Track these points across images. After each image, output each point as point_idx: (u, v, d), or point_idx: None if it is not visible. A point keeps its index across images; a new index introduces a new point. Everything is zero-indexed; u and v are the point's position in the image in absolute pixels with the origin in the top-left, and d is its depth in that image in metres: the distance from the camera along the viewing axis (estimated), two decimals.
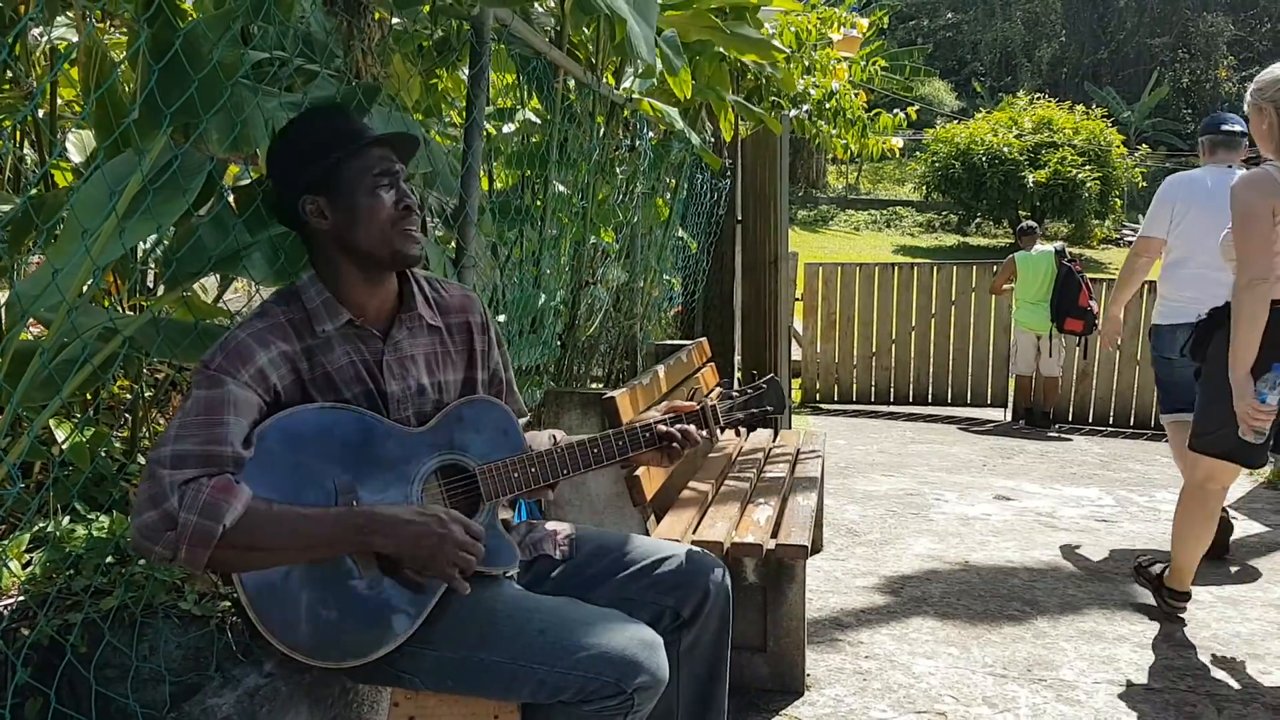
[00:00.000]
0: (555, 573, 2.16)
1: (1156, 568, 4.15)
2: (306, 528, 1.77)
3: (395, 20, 2.86)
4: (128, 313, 2.47)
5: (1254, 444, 3.40)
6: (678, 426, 2.14)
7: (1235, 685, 3.38)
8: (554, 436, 2.18)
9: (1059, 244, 8.52)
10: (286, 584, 1.79)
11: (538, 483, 2.05)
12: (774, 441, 4.98)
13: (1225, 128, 4.66)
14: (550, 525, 2.24)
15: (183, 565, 1.69)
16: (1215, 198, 4.22)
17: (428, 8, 2.88)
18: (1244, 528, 5.36)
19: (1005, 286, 8.66)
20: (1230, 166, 4.55)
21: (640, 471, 3.36)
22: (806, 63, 7.10)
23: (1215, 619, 3.99)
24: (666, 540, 2.21)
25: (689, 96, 4.53)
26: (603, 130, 4.15)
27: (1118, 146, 19.55)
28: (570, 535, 2.21)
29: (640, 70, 3.84)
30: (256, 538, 1.72)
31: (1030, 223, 9.17)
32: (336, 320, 1.92)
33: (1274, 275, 3.33)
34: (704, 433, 2.19)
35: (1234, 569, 4.65)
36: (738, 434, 2.33)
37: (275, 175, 1.95)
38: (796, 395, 8.99)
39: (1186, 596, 3.97)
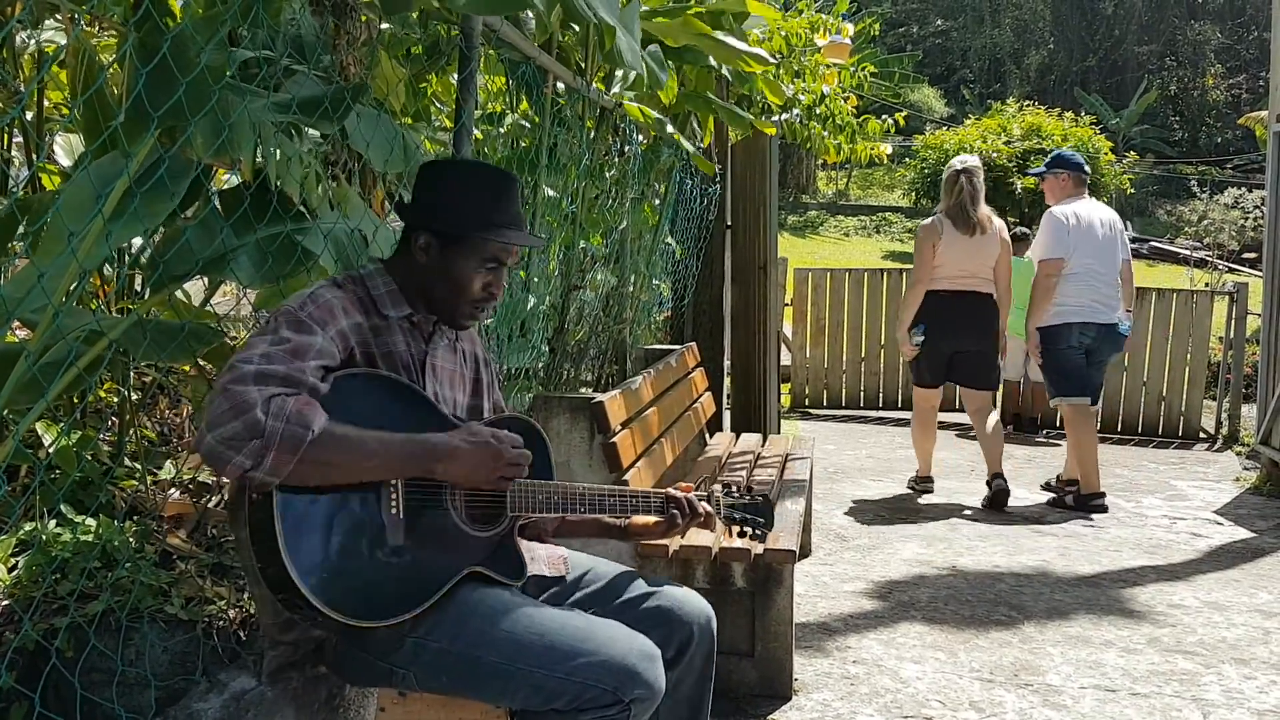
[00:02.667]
0: (547, 593, 2.16)
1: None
2: (377, 446, 1.81)
3: (385, 25, 2.85)
4: (114, 316, 2.46)
5: (924, 373, 5.89)
6: (684, 497, 2.26)
7: (1221, 690, 3.39)
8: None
9: None
10: (320, 530, 1.78)
11: (558, 510, 2.11)
12: (763, 446, 4.99)
13: (1086, 167, 6.04)
14: (545, 548, 2.25)
15: (263, 475, 1.69)
16: (1093, 223, 5.77)
17: (416, 14, 2.88)
18: (1230, 534, 5.38)
19: None
20: (1086, 198, 5.93)
21: (629, 475, 3.36)
22: (795, 68, 7.12)
23: (1201, 624, 4.00)
24: (653, 552, 2.23)
25: (674, 102, 4.53)
26: (592, 135, 4.15)
27: (1106, 153, 19.60)
28: (565, 558, 2.24)
29: (630, 81, 3.83)
30: (334, 452, 1.75)
31: (1022, 229, 9.03)
32: (399, 310, 2.02)
33: (930, 280, 5.67)
34: (702, 508, 2.30)
35: (1220, 574, 4.67)
36: (729, 534, 2.44)
37: (424, 188, 2.06)
38: (785, 400, 8.99)
39: (930, 480, 6.13)
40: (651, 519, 2.26)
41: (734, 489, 2.40)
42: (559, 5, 2.58)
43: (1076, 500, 5.82)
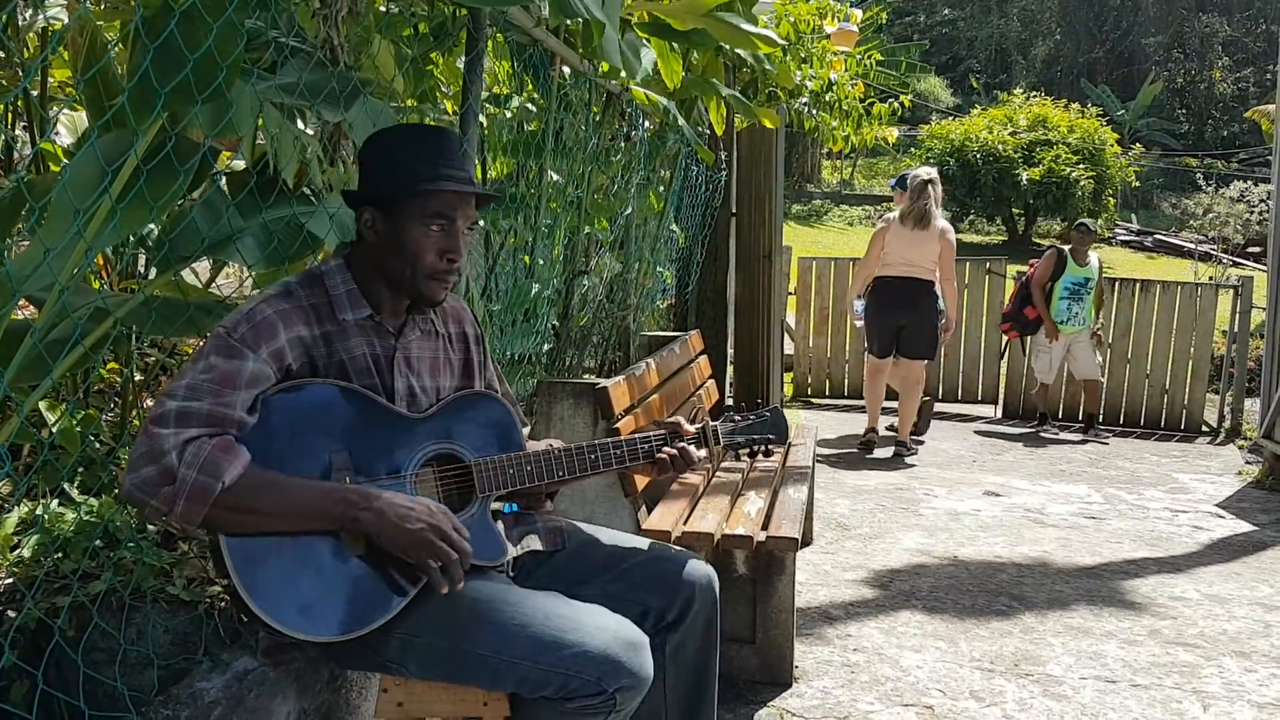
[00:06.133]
0: (543, 567, 2.14)
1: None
2: (299, 496, 1.77)
3: (394, 7, 2.84)
4: (119, 294, 2.45)
5: (875, 344, 6.90)
6: (677, 445, 2.17)
7: (1221, 682, 3.39)
8: (551, 444, 2.18)
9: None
10: (273, 557, 1.78)
11: (531, 481, 2.05)
12: None
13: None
14: (542, 520, 2.23)
15: (176, 521, 1.70)
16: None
17: None
18: (1232, 527, 5.38)
19: None
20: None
21: None
22: (802, 55, 7.10)
23: (1202, 616, 4.01)
24: (656, 540, 2.20)
25: (679, 87, 4.51)
26: (598, 119, 4.14)
27: (1112, 145, 19.56)
28: (559, 528, 2.20)
29: (603, 71, 3.77)
30: (250, 500, 1.73)
31: (1085, 221, 8.33)
32: (358, 312, 1.95)
33: (878, 268, 6.74)
34: (703, 453, 2.21)
35: (1221, 567, 4.67)
36: (737, 458, 2.32)
37: (360, 169, 2.01)
38: (788, 389, 8.99)
39: (875, 431, 6.97)
40: (641, 466, 2.17)
41: (734, 415, 2.30)
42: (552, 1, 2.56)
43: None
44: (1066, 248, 8.03)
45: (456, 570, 1.83)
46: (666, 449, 2.16)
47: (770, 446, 2.28)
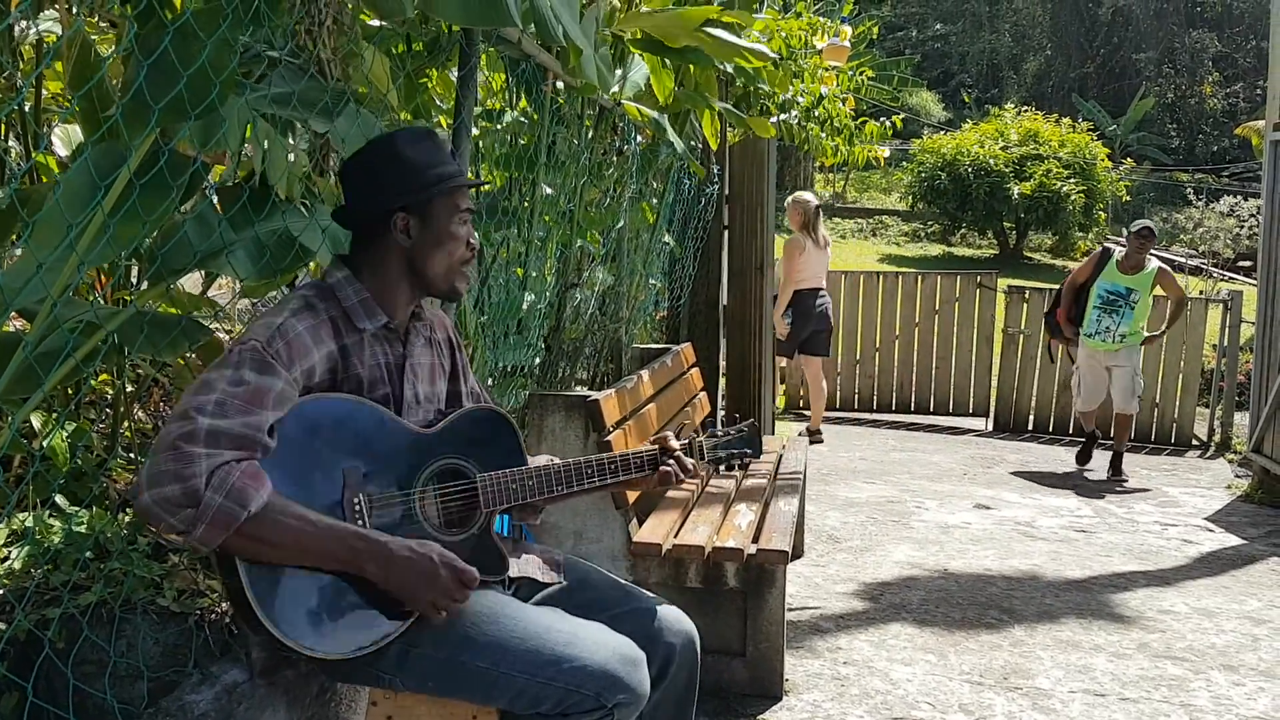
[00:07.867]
0: (537, 597, 2.15)
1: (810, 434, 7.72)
2: (311, 535, 1.77)
3: (375, 21, 2.84)
4: (111, 307, 2.45)
5: (810, 347, 7.76)
6: (672, 455, 2.23)
7: (1209, 696, 3.41)
8: (550, 460, 2.21)
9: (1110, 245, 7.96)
10: (288, 572, 1.78)
11: (535, 495, 2.08)
12: None
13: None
14: (540, 549, 2.25)
15: (192, 542, 1.69)
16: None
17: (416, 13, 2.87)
18: (1221, 540, 5.40)
19: None
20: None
21: None
22: (794, 69, 7.14)
23: (1191, 630, 4.02)
24: (646, 591, 2.22)
25: (670, 102, 4.53)
26: (591, 133, 4.16)
27: (1103, 160, 19.62)
28: (560, 563, 2.22)
29: (581, 85, 3.78)
30: (267, 532, 1.73)
31: (1143, 223, 6.86)
32: (375, 321, 1.97)
33: (797, 281, 7.61)
34: (690, 464, 2.27)
35: (1210, 581, 4.69)
36: (716, 472, 2.40)
37: (367, 180, 2.00)
38: (780, 401, 9.00)
39: (820, 433, 7.80)
40: (637, 479, 2.22)
41: (716, 430, 2.38)
42: (533, 24, 2.58)
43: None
44: (1118, 250, 6.94)
45: (453, 612, 1.87)
46: (662, 461, 2.21)
47: (747, 460, 2.38)
